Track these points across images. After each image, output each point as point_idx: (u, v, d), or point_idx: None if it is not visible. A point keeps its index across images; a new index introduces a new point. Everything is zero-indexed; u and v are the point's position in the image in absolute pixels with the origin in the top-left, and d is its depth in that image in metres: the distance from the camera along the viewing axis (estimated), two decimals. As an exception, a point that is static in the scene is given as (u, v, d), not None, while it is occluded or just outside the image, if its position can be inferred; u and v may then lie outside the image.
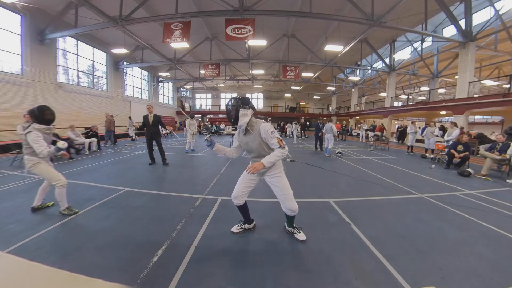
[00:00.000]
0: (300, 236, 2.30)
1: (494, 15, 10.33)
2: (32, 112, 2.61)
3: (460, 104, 10.69)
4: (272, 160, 1.97)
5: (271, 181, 2.20)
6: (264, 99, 32.57)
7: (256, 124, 2.05)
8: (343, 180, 4.76)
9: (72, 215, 2.73)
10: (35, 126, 2.58)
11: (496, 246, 2.27)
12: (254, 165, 1.97)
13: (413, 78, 18.43)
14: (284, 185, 2.15)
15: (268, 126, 2.01)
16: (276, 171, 2.16)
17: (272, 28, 12.37)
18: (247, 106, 2.04)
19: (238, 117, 2.02)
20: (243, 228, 2.46)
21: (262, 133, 2.00)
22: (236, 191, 2.28)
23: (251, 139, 2.08)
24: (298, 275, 1.78)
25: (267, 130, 1.98)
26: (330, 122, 8.55)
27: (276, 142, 1.96)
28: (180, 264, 1.86)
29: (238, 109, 2.01)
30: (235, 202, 2.30)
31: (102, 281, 0.81)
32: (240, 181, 2.30)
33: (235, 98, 2.07)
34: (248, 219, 2.45)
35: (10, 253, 1.93)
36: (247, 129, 2.07)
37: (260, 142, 2.04)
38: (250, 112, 2.04)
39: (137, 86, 19.97)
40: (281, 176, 2.17)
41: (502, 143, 5.62)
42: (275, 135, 1.98)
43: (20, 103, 9.61)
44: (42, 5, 9.90)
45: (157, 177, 4.77)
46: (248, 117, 2.03)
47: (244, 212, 2.39)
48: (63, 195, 2.70)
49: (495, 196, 3.93)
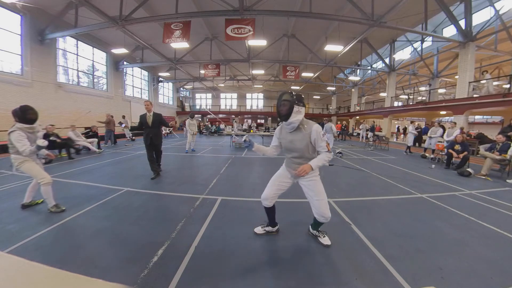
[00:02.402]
0: (325, 241, 2.22)
1: (494, 15, 10.32)
2: (15, 112, 2.65)
3: (460, 104, 10.68)
4: (320, 164, 1.95)
5: (306, 185, 2.11)
6: (264, 99, 32.52)
7: (308, 124, 1.99)
8: (343, 180, 4.77)
9: (59, 212, 2.77)
10: (18, 125, 2.63)
11: (496, 246, 2.27)
12: (303, 168, 1.92)
13: (413, 78, 18.43)
14: (319, 189, 2.08)
15: (320, 128, 1.96)
16: (313, 175, 2.08)
17: (272, 28, 12.36)
18: (301, 103, 1.96)
19: (291, 114, 1.92)
20: (265, 231, 2.40)
21: (314, 134, 1.95)
22: (267, 192, 2.21)
23: (299, 138, 2.00)
24: (298, 275, 1.78)
25: (319, 132, 1.94)
26: (330, 122, 8.55)
27: (325, 146, 1.94)
28: (180, 264, 1.86)
29: (292, 105, 1.92)
30: (265, 204, 2.23)
31: (102, 281, 0.80)
32: (272, 183, 2.24)
33: (290, 93, 1.98)
34: (273, 222, 2.38)
35: (10, 253, 1.93)
36: (299, 127, 2.00)
37: (308, 143, 1.98)
38: (303, 110, 1.99)
39: (137, 86, 19.97)
40: (317, 180, 2.10)
41: (502, 143, 5.62)
42: (325, 138, 1.95)
43: (20, 103, 9.34)
44: (42, 5, 9.89)
45: (157, 177, 4.76)
46: (302, 115, 1.97)
47: (271, 214, 2.33)
48: (48, 192, 2.74)
49: (495, 196, 3.94)
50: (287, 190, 2.28)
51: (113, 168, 5.49)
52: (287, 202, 3.34)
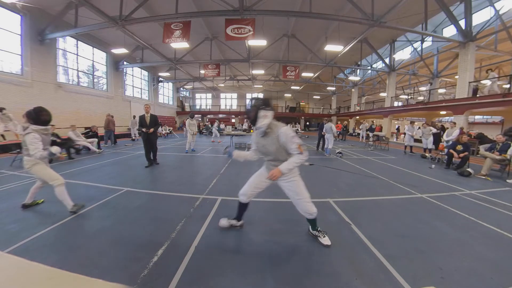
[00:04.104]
0: (325, 241, 2.21)
1: (494, 15, 10.32)
2: (29, 113, 2.63)
3: (460, 104, 10.69)
4: (291, 167, 1.93)
5: (286, 186, 2.13)
6: (264, 99, 32.51)
7: (276, 128, 1.97)
8: (343, 180, 4.76)
9: (80, 208, 2.82)
10: (33, 127, 2.61)
11: (496, 246, 2.27)
12: (273, 173, 1.94)
13: (413, 78, 18.43)
14: (300, 189, 2.10)
15: (288, 130, 1.94)
16: (292, 176, 2.10)
17: (272, 28, 12.36)
18: (269, 107, 1.96)
19: (257, 118, 1.95)
20: (231, 224, 2.47)
21: (282, 138, 1.93)
22: (246, 189, 2.27)
23: (269, 142, 2.01)
24: (298, 275, 1.78)
25: (288, 135, 1.91)
26: (330, 122, 8.56)
27: (296, 148, 1.91)
28: (180, 264, 1.86)
29: (258, 110, 1.94)
30: (241, 199, 2.29)
31: (102, 281, 0.81)
32: (251, 181, 2.27)
33: (257, 98, 2.04)
34: (240, 217, 2.46)
35: (10, 253, 1.93)
36: (266, 132, 2.00)
37: (278, 146, 1.97)
38: (270, 114, 1.96)
39: (137, 86, 19.97)
40: (297, 181, 2.11)
41: (502, 143, 5.62)
42: (296, 140, 1.91)
43: (20, 103, 9.61)
44: (42, 5, 9.89)
45: (157, 177, 4.77)
46: (268, 119, 1.95)
47: (242, 210, 2.40)
48: (63, 193, 2.73)
49: (495, 196, 3.93)
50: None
51: (113, 168, 5.50)
52: (288, 202, 3.34)
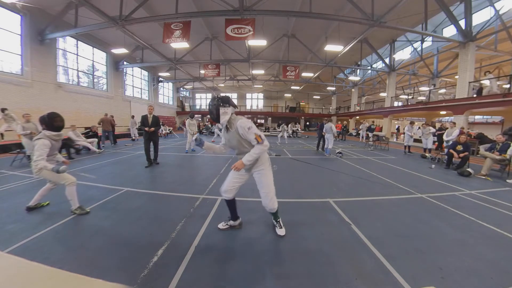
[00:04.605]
0: (280, 232, 2.36)
1: (494, 15, 10.32)
2: (42, 119, 2.63)
3: (460, 104, 10.69)
4: (251, 158, 2.02)
5: (256, 177, 2.26)
6: (264, 99, 32.57)
7: (234, 122, 2.09)
8: (343, 180, 4.76)
9: (84, 214, 2.76)
10: (46, 133, 2.62)
11: (496, 246, 2.27)
12: (235, 164, 2.05)
13: (413, 78, 18.43)
14: (266, 182, 2.20)
15: (245, 122, 2.03)
16: (261, 167, 2.21)
17: (272, 28, 12.37)
18: (227, 104, 2.08)
19: (219, 115, 2.07)
20: (228, 225, 2.48)
21: (240, 130, 2.03)
22: (225, 185, 2.34)
23: (232, 136, 2.14)
24: (299, 275, 1.78)
25: (244, 127, 2.00)
26: (330, 122, 8.56)
27: (254, 138, 1.99)
28: (180, 264, 1.86)
29: (218, 108, 2.06)
30: (224, 196, 2.35)
31: (102, 281, 0.80)
32: (229, 176, 2.35)
33: (215, 97, 2.12)
34: (235, 216, 2.47)
35: (10, 253, 1.93)
36: (227, 127, 2.14)
37: (238, 139, 2.09)
38: (230, 110, 2.09)
39: (137, 86, 19.96)
40: (265, 174, 2.20)
41: (502, 143, 5.62)
42: (253, 131, 2.00)
43: (20, 103, 9.61)
44: (42, 5, 9.89)
45: (157, 177, 4.77)
46: (228, 115, 2.08)
47: (231, 207, 2.43)
48: (73, 193, 2.74)
49: (495, 196, 3.93)
50: (287, 189, 2.28)
51: (113, 168, 5.49)
52: (288, 202, 3.34)
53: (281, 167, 6.00)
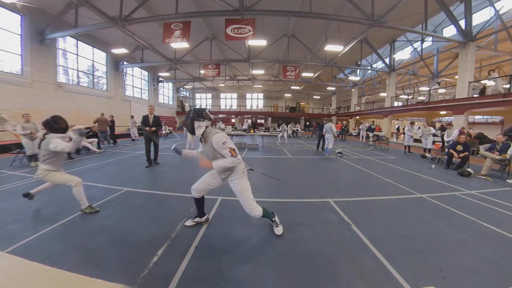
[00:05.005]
0: (277, 230, 2.37)
1: (494, 15, 10.32)
2: (46, 123, 2.65)
3: (460, 104, 10.68)
4: (221, 165, 2.06)
5: (232, 185, 2.29)
6: (264, 99, 32.57)
7: (209, 136, 2.12)
8: (343, 180, 4.76)
9: (94, 213, 2.79)
10: (52, 135, 2.63)
11: (496, 246, 2.27)
12: (203, 161, 2.11)
13: (413, 78, 18.43)
14: (243, 191, 2.22)
15: (220, 137, 2.06)
16: (236, 177, 2.23)
17: (272, 28, 12.36)
18: (201, 118, 2.11)
19: (194, 129, 2.11)
20: (195, 222, 2.54)
21: (214, 145, 2.07)
22: (196, 185, 2.39)
23: (207, 149, 2.17)
24: (299, 275, 1.78)
25: (219, 142, 2.04)
26: (330, 122, 8.56)
27: (228, 152, 2.04)
28: (180, 264, 1.86)
29: (193, 122, 2.10)
30: (193, 194, 2.41)
31: (102, 281, 0.80)
32: (203, 178, 2.40)
33: (191, 110, 2.15)
34: (201, 212, 2.54)
35: (10, 253, 1.93)
36: (201, 140, 2.18)
37: (213, 152, 2.12)
38: (204, 124, 2.13)
39: (137, 86, 19.96)
40: (240, 182, 2.23)
41: (502, 143, 5.62)
42: (227, 145, 2.04)
43: (20, 103, 9.61)
44: (42, 5, 9.89)
45: (157, 177, 4.77)
46: (202, 129, 2.12)
47: (199, 205, 2.49)
48: (81, 193, 2.77)
49: (495, 196, 3.93)
50: (287, 189, 2.27)
51: (113, 168, 5.49)
52: (288, 202, 3.34)
53: (281, 167, 6.00)
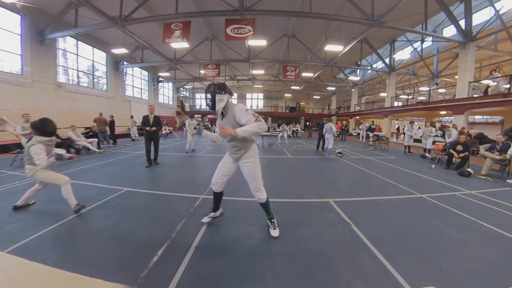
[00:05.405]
0: (274, 233, 2.34)
1: (494, 15, 10.32)
2: (34, 124, 2.65)
3: (460, 104, 10.68)
4: (246, 129, 1.94)
5: (244, 168, 2.24)
6: (264, 99, 32.56)
7: (232, 106, 2.10)
8: (343, 180, 4.76)
9: (81, 208, 2.81)
10: (38, 138, 2.63)
11: (496, 246, 2.27)
12: (226, 129, 1.95)
13: (413, 78, 18.43)
14: (253, 174, 2.20)
15: (242, 105, 2.05)
16: (250, 159, 2.20)
17: (272, 28, 12.36)
18: (223, 91, 2.11)
19: (215, 103, 2.11)
20: (211, 217, 2.56)
21: (237, 114, 2.03)
22: (214, 177, 2.39)
23: (227, 122, 2.14)
24: (299, 275, 1.78)
25: (242, 109, 2.02)
26: (330, 122, 8.56)
27: (251, 118, 1.97)
28: (180, 264, 1.86)
29: (214, 95, 2.09)
30: (214, 189, 2.41)
31: (102, 281, 0.80)
32: (218, 168, 2.39)
33: (212, 84, 2.13)
34: (216, 207, 2.57)
35: (10, 253, 1.93)
36: (223, 113, 2.15)
37: (234, 124, 2.08)
38: (226, 97, 2.13)
39: (137, 86, 19.95)
40: (252, 166, 2.20)
41: (502, 143, 5.62)
42: (250, 112, 2.00)
43: (20, 103, 9.61)
44: (42, 5, 9.88)
45: (157, 177, 4.77)
46: (223, 102, 2.12)
47: (217, 199, 2.51)
48: (69, 192, 2.77)
49: (495, 196, 3.93)
50: (287, 189, 2.27)
51: (113, 168, 5.50)
52: (288, 202, 3.34)
53: (281, 167, 6.00)
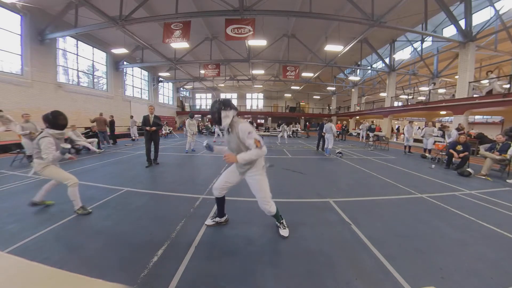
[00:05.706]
0: (284, 232, 2.36)
1: (494, 15, 10.32)
2: (46, 117, 2.63)
3: (460, 104, 10.68)
4: (246, 158, 2.03)
5: (250, 182, 2.27)
6: (264, 99, 32.55)
7: (235, 125, 2.11)
8: (343, 180, 4.76)
9: (86, 214, 2.77)
10: (49, 131, 2.62)
11: (496, 246, 2.27)
12: (228, 156, 2.06)
13: (413, 78, 18.43)
14: (261, 187, 2.21)
15: (246, 126, 2.05)
16: (256, 172, 2.22)
17: (272, 28, 12.36)
18: (228, 108, 2.11)
19: (221, 119, 2.10)
20: (215, 221, 2.55)
21: (240, 134, 2.06)
22: (217, 183, 2.41)
23: (232, 139, 2.16)
24: (299, 275, 1.78)
25: (245, 131, 2.03)
26: (330, 122, 8.56)
27: (253, 143, 2.01)
28: (180, 264, 1.86)
29: (220, 111, 2.09)
30: (214, 194, 2.42)
31: (102, 281, 0.80)
32: (222, 175, 2.40)
33: (217, 100, 2.14)
34: (221, 213, 2.55)
35: (10, 253, 1.93)
36: (228, 130, 2.17)
37: (238, 142, 2.11)
38: (231, 113, 2.12)
39: (137, 86, 19.96)
40: (259, 179, 2.22)
41: (502, 143, 5.62)
42: (253, 135, 2.02)
43: (20, 103, 9.61)
44: (42, 5, 9.89)
45: (157, 177, 4.77)
46: (229, 118, 2.11)
47: (220, 205, 2.50)
48: (76, 194, 2.75)
49: (495, 196, 3.93)
50: (287, 189, 2.27)
51: (113, 168, 5.49)
52: (288, 202, 3.34)
53: (280, 167, 6.00)
